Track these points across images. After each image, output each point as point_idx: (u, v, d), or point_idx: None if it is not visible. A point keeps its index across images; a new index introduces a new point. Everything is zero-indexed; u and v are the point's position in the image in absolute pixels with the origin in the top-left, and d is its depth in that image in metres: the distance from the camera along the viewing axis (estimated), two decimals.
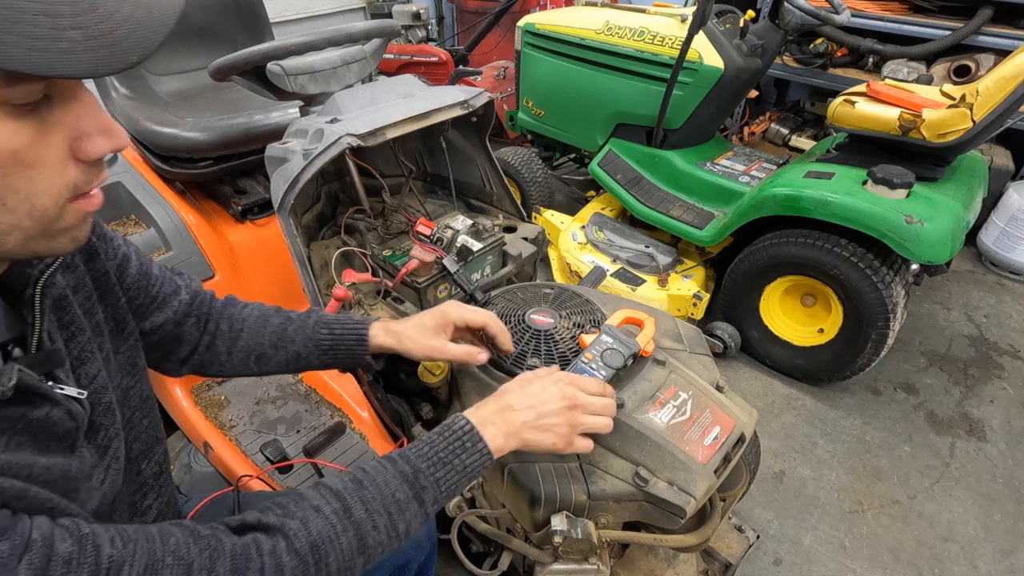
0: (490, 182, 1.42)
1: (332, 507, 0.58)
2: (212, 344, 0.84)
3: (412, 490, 0.62)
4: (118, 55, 0.39)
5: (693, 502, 0.78)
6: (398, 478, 0.62)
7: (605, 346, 0.87)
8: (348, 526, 0.58)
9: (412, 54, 3.60)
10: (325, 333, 0.86)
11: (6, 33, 0.35)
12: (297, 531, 0.55)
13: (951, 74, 2.74)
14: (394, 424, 1.22)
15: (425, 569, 1.01)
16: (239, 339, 0.85)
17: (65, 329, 0.59)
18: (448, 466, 0.65)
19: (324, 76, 1.17)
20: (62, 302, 0.59)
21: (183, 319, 0.80)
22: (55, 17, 0.37)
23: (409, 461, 0.64)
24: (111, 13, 0.39)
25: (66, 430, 0.53)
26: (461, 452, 0.66)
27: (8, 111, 0.39)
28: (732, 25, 2.18)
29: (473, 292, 1.09)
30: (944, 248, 1.61)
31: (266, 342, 0.86)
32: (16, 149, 0.40)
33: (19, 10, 0.36)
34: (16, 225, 0.43)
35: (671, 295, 2.11)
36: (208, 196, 1.77)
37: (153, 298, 0.75)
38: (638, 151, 2.41)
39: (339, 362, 0.88)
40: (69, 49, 0.37)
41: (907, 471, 1.77)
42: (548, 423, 0.71)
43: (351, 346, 0.86)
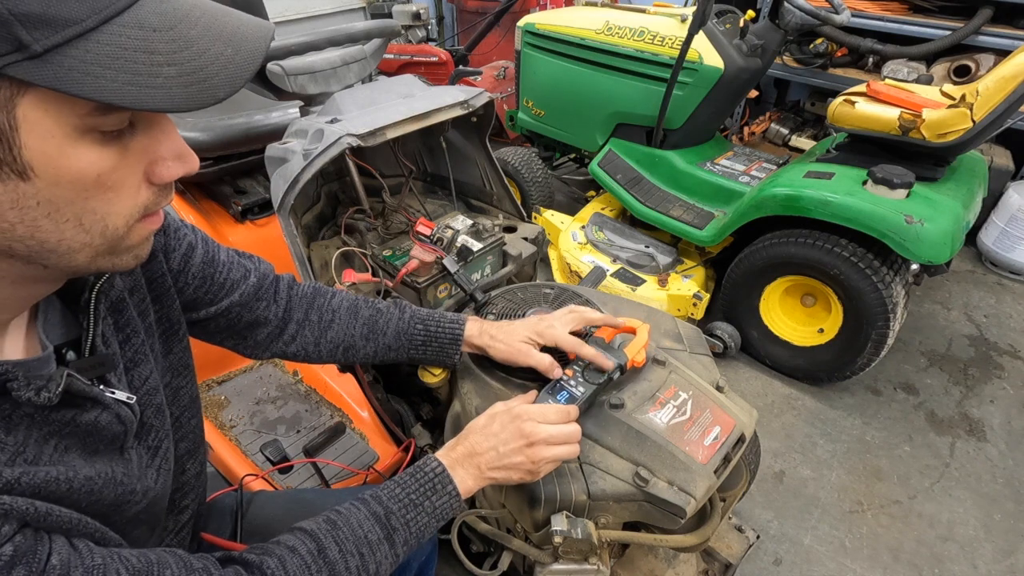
0: (490, 182, 1.42)
1: (307, 547, 0.60)
2: (299, 334, 0.85)
3: (384, 531, 0.64)
4: (207, 91, 0.40)
5: (693, 502, 0.78)
6: (371, 519, 0.64)
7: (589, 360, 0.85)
8: (323, 566, 0.60)
9: (412, 54, 3.60)
10: (420, 328, 0.89)
11: (106, 68, 0.37)
12: (275, 570, 0.57)
13: (951, 74, 2.74)
14: (394, 424, 1.22)
15: (425, 569, 1.01)
16: (329, 330, 0.86)
17: (121, 331, 0.60)
18: (419, 508, 0.67)
19: (324, 76, 1.17)
20: (119, 304, 0.60)
21: (253, 302, 0.80)
22: (153, 54, 0.38)
23: (381, 502, 0.66)
24: (204, 51, 0.40)
25: (115, 434, 0.54)
26: (432, 494, 0.68)
27: (96, 137, 0.40)
28: (732, 25, 2.18)
29: (473, 292, 1.09)
30: (944, 248, 1.61)
31: (357, 333, 0.87)
32: (100, 173, 0.41)
33: (120, 47, 0.37)
34: (88, 244, 0.44)
35: (671, 295, 2.11)
36: (208, 196, 1.77)
37: (221, 285, 0.75)
38: (638, 151, 2.41)
39: (427, 358, 0.91)
40: (163, 85, 0.38)
41: (907, 471, 1.77)
42: (511, 462, 0.72)
43: (444, 344, 0.89)
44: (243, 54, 0.43)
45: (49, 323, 0.53)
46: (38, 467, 0.46)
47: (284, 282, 0.86)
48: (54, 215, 0.41)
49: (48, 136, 0.38)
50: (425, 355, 0.90)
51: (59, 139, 0.38)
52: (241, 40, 0.43)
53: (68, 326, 0.55)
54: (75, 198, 0.41)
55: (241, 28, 0.43)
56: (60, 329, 0.54)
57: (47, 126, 0.37)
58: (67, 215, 0.41)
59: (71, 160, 0.39)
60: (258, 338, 0.83)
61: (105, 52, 0.37)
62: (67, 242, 0.43)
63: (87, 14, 0.36)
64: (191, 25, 0.40)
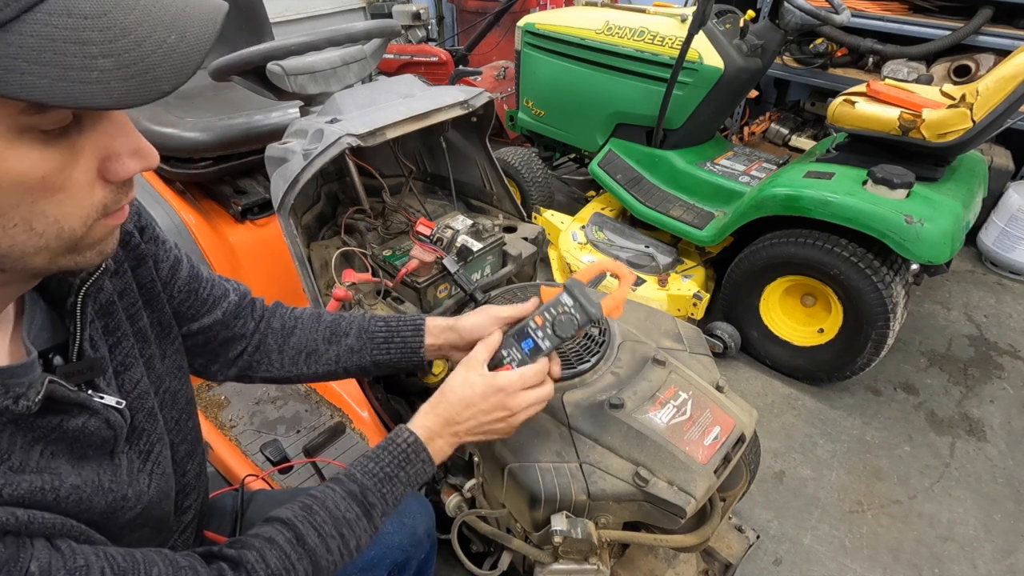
0: (490, 182, 1.42)
1: (284, 536, 0.60)
2: (263, 343, 0.83)
3: (361, 508, 0.64)
4: (150, 84, 0.37)
5: (693, 502, 0.78)
6: (347, 499, 0.64)
7: (561, 310, 0.76)
8: (303, 554, 0.59)
9: (412, 54, 3.60)
10: (381, 326, 0.86)
11: (33, 63, 0.33)
12: (255, 564, 0.56)
13: (951, 74, 2.74)
14: (394, 424, 1.22)
15: (424, 567, 1.01)
16: (292, 335, 0.84)
17: (111, 335, 0.59)
18: (394, 480, 0.67)
19: (324, 76, 1.17)
20: (109, 308, 0.59)
21: (232, 320, 0.79)
22: (85, 45, 0.34)
23: (356, 480, 0.65)
24: (143, 39, 0.36)
25: (103, 439, 0.53)
26: (406, 465, 0.68)
27: (36, 137, 0.38)
28: (732, 25, 2.18)
29: (473, 292, 1.09)
30: (944, 248, 1.61)
31: (319, 337, 0.85)
32: (45, 175, 0.39)
33: (47, 38, 0.33)
34: (43, 247, 0.42)
35: (671, 295, 2.11)
36: (208, 196, 1.77)
37: (204, 300, 0.75)
38: (638, 151, 2.41)
39: (391, 357, 0.85)
40: (99, 79, 0.35)
41: (907, 471, 1.77)
42: (491, 429, 0.74)
43: (406, 338, 0.85)
44: (188, 40, 0.38)
45: (35, 327, 0.52)
46: (23, 475, 0.45)
47: (258, 300, 0.85)
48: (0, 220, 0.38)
49: None
50: (389, 354, 0.85)
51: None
52: (186, 24, 0.38)
53: (55, 330, 0.53)
54: (20, 202, 0.38)
55: (187, 11, 0.39)
56: (47, 333, 0.53)
57: None
58: (14, 219, 0.39)
59: (9, 163, 0.37)
60: (229, 355, 0.81)
61: (30, 44, 0.33)
62: (19, 247, 0.40)
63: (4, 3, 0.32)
64: (127, 10, 0.36)
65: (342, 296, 1.12)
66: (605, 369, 0.93)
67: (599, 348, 0.94)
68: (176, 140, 1.49)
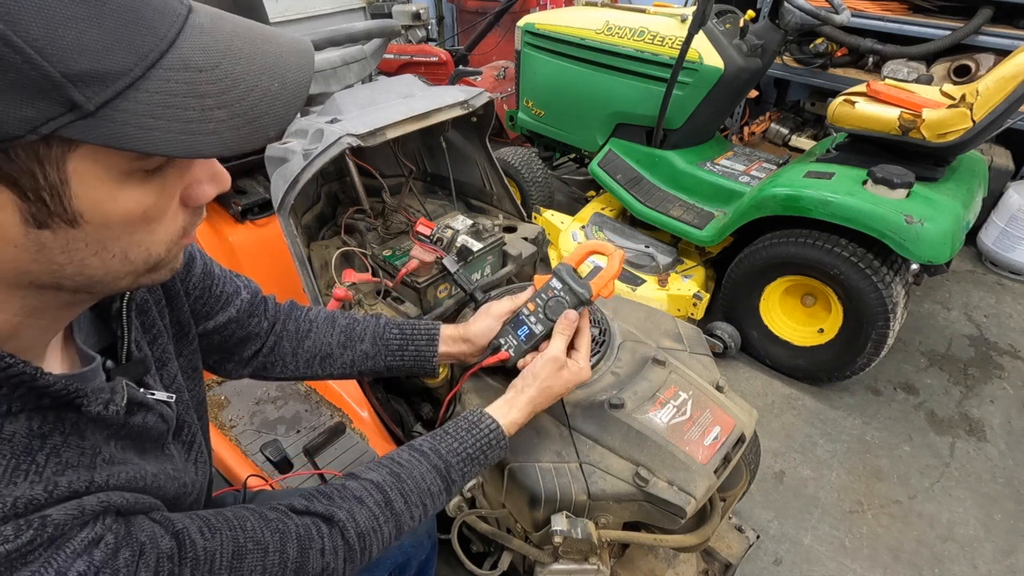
0: (490, 182, 1.41)
1: (375, 499, 0.63)
2: (278, 344, 0.84)
3: (444, 483, 0.69)
4: (258, 131, 0.39)
5: (693, 502, 0.78)
6: (433, 472, 0.68)
7: (551, 294, 0.81)
8: (390, 517, 0.63)
9: (412, 54, 3.60)
10: (395, 333, 0.88)
11: (158, 119, 0.35)
12: (346, 521, 0.60)
13: (951, 74, 2.74)
14: (394, 424, 1.22)
15: (425, 568, 1.01)
16: (306, 339, 0.86)
17: (148, 332, 0.61)
18: (475, 461, 0.71)
19: (324, 76, 1.17)
20: (144, 306, 0.61)
21: (246, 318, 0.80)
22: (202, 98, 0.36)
23: (441, 456, 0.69)
24: (251, 88, 0.38)
25: (159, 432, 0.56)
26: (488, 449, 0.72)
27: (140, 176, 0.40)
28: (732, 25, 2.18)
29: (473, 292, 1.09)
30: (944, 248, 1.61)
31: (334, 341, 0.86)
32: (145, 210, 0.41)
33: (170, 93, 0.35)
34: (132, 271, 0.44)
35: (671, 295, 2.11)
36: None
37: (217, 297, 0.76)
38: (638, 151, 2.41)
39: (404, 364, 0.88)
40: (215, 131, 0.37)
41: (907, 471, 1.77)
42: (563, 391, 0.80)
43: (420, 347, 0.88)
44: (290, 88, 0.41)
45: (83, 332, 0.54)
46: (116, 466, 0.48)
47: (270, 299, 0.86)
48: (101, 253, 0.41)
49: (98, 184, 0.37)
50: (403, 361, 0.88)
51: (108, 185, 0.38)
52: (285, 71, 0.41)
53: (100, 334, 0.56)
54: (121, 235, 0.41)
55: (283, 57, 0.41)
56: (93, 338, 0.55)
57: (97, 175, 0.37)
58: (113, 251, 0.41)
59: (119, 203, 0.39)
60: (245, 354, 0.82)
61: (155, 101, 0.35)
62: (112, 273, 0.43)
63: (134, 62, 0.34)
64: (235, 60, 0.38)
65: (342, 296, 1.12)
66: (605, 369, 0.93)
67: (599, 348, 0.94)
68: None
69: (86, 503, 0.43)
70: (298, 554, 0.57)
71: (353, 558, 0.60)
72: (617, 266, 0.81)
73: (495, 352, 0.82)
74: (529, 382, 0.77)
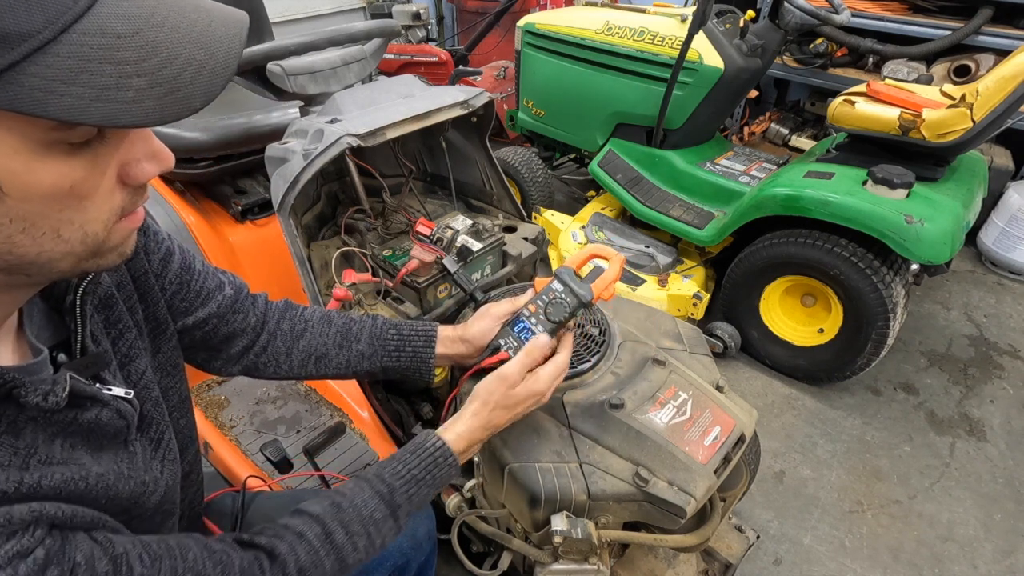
0: (490, 182, 1.41)
1: (314, 532, 0.62)
2: (271, 343, 0.83)
3: (388, 508, 0.67)
4: (181, 102, 0.38)
5: (693, 502, 0.78)
6: (375, 498, 0.66)
7: (552, 296, 0.81)
8: (330, 550, 0.62)
9: (412, 54, 3.60)
10: (393, 333, 0.87)
11: (71, 84, 0.33)
12: (287, 556, 0.59)
13: (951, 74, 2.74)
14: (394, 424, 1.22)
15: (425, 569, 1.01)
16: (301, 339, 0.85)
17: (112, 327, 0.60)
18: (421, 483, 0.69)
19: (324, 76, 1.17)
20: (108, 300, 0.60)
21: (229, 314, 0.79)
22: (120, 64, 0.35)
23: (384, 481, 0.68)
24: (174, 57, 0.37)
25: (117, 428, 0.54)
26: (434, 468, 0.71)
27: (64, 149, 0.38)
28: (732, 25, 2.18)
29: (473, 292, 1.09)
30: (944, 248, 1.61)
31: (330, 341, 0.85)
32: (72, 185, 0.40)
33: (84, 58, 0.34)
34: (69, 252, 0.43)
35: (671, 295, 2.11)
36: (208, 196, 1.77)
37: (197, 293, 0.74)
38: (638, 151, 2.41)
39: (401, 365, 0.87)
40: (135, 99, 0.36)
41: (907, 471, 1.77)
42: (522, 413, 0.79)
43: (417, 348, 0.87)
44: (217, 58, 0.39)
45: (35, 326, 0.53)
46: (52, 467, 0.46)
47: (260, 296, 0.85)
48: (30, 230, 0.39)
49: (12, 154, 0.36)
50: (399, 361, 0.87)
51: (24, 156, 0.36)
52: (214, 42, 0.39)
53: (55, 328, 0.54)
54: (49, 211, 0.39)
55: (213, 27, 0.40)
56: (47, 332, 0.54)
57: (11, 144, 0.35)
58: (43, 228, 0.40)
59: (40, 175, 0.37)
60: (232, 351, 0.81)
61: (67, 66, 0.33)
62: (47, 253, 0.41)
63: (42, 25, 0.32)
64: (158, 27, 0.36)
65: (342, 296, 1.12)
66: (605, 369, 0.93)
67: (599, 348, 0.94)
68: (176, 140, 1.49)
69: (15, 512, 0.41)
70: None
71: None
72: (618, 270, 0.82)
73: (495, 352, 0.82)
74: (475, 396, 0.77)
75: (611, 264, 0.82)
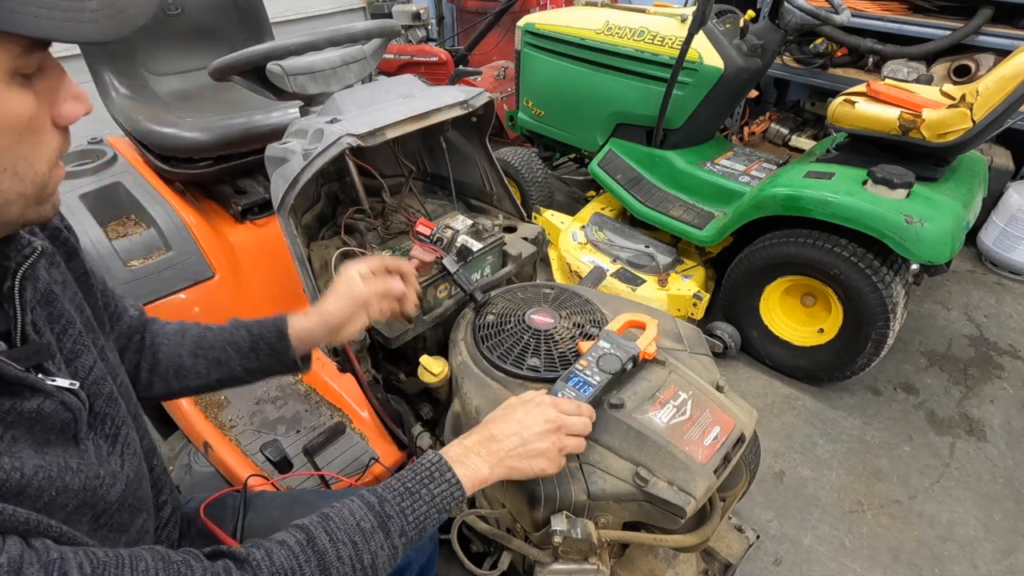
0: (490, 182, 1.41)
1: (296, 538, 0.58)
2: (138, 363, 0.81)
3: (377, 519, 0.62)
4: (127, 20, 0.44)
5: (693, 502, 0.78)
6: (363, 507, 0.62)
7: (602, 352, 0.86)
8: (311, 556, 0.57)
9: (412, 54, 3.61)
10: (243, 334, 0.83)
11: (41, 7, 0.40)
12: (260, 561, 0.55)
13: (951, 74, 2.74)
14: (394, 424, 1.22)
15: (426, 570, 1.01)
16: (157, 353, 0.82)
17: (55, 323, 0.59)
18: (415, 495, 0.64)
19: (324, 76, 1.17)
20: (49, 296, 0.60)
21: (133, 334, 0.80)
22: None
23: (375, 492, 0.64)
24: None
25: (63, 422, 0.53)
26: (429, 482, 0.65)
27: (19, 82, 0.43)
28: (732, 25, 2.18)
29: (473, 292, 1.09)
30: (944, 248, 1.61)
31: (184, 352, 0.82)
32: (31, 116, 0.44)
33: None
34: (22, 193, 0.46)
35: (671, 295, 2.11)
36: (208, 196, 1.77)
37: (115, 309, 0.77)
38: (638, 151, 2.41)
39: (261, 364, 0.84)
40: (91, 19, 0.42)
41: (907, 471, 1.77)
42: (536, 448, 0.71)
43: (271, 342, 0.83)
44: None
45: None
46: None
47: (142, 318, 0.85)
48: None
49: None
50: (259, 361, 0.83)
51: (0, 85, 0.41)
52: None
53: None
54: (10, 144, 0.44)
55: None
56: None
57: None
58: (4, 164, 0.44)
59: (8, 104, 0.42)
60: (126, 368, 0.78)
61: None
62: (3, 194, 0.45)
63: None
64: None
65: None
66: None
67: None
68: (176, 140, 1.49)
69: None
70: None
71: None
72: (656, 331, 0.91)
73: None
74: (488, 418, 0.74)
75: (649, 326, 0.92)
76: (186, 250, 1.56)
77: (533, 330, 0.99)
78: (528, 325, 1.00)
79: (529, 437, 0.70)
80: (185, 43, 1.77)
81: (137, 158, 1.70)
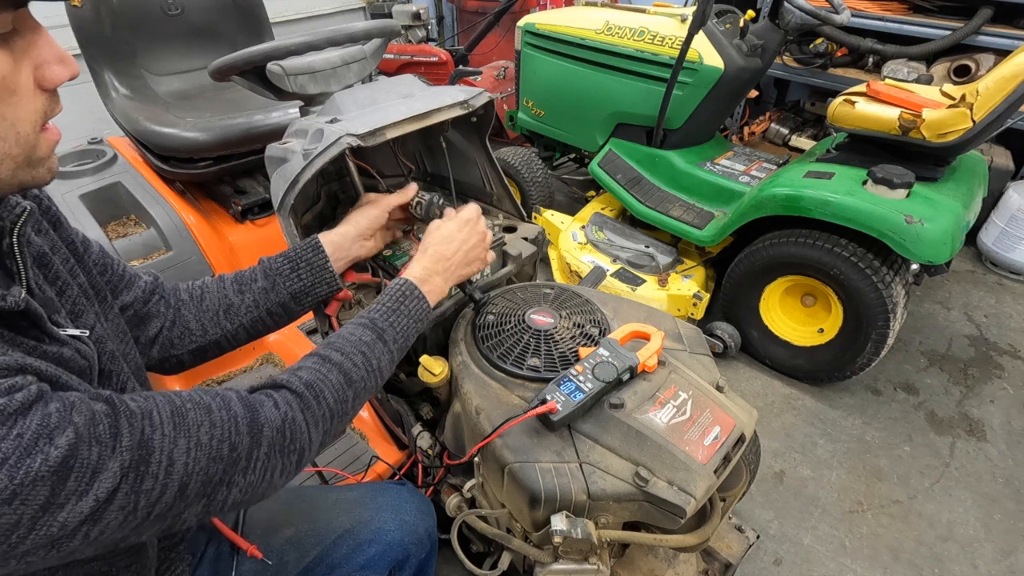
0: (490, 182, 1.41)
1: (311, 361, 0.70)
2: (178, 316, 0.85)
3: (374, 332, 0.76)
4: None
5: (693, 502, 0.78)
6: (360, 328, 0.76)
7: (600, 359, 0.86)
8: (332, 367, 0.70)
9: (412, 54, 3.60)
10: (281, 261, 0.91)
11: None
12: (291, 380, 0.66)
13: (951, 74, 2.74)
14: (394, 424, 1.22)
15: (425, 567, 1.01)
16: (204, 299, 0.87)
17: (53, 284, 0.61)
18: (397, 312, 0.80)
19: (324, 76, 1.17)
20: (43, 259, 0.61)
21: (151, 296, 0.82)
22: None
23: (365, 316, 0.78)
24: None
25: (80, 368, 0.55)
26: (405, 300, 0.81)
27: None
28: (732, 25, 2.18)
29: (473, 292, 1.09)
30: (944, 248, 1.61)
31: (230, 291, 0.88)
32: (3, 75, 0.45)
33: None
34: (7, 153, 0.47)
35: (671, 295, 2.11)
36: (208, 196, 1.77)
37: (120, 276, 0.78)
38: (638, 151, 2.41)
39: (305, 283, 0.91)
40: None
41: (907, 471, 1.77)
42: (473, 255, 0.95)
43: (310, 259, 0.91)
44: None
45: None
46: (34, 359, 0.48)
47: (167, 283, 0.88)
48: None
49: None
50: (301, 280, 0.90)
51: None
52: None
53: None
54: None
55: None
56: None
57: None
58: None
59: None
60: (150, 333, 0.82)
61: None
62: None
63: None
64: None
65: (342, 296, 1.12)
66: None
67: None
68: (176, 140, 1.49)
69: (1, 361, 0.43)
70: (246, 411, 0.59)
71: (309, 406, 0.65)
72: (660, 343, 0.92)
73: (543, 404, 0.82)
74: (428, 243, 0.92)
75: (653, 338, 0.92)
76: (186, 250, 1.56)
77: (533, 330, 0.99)
78: (528, 325, 1.00)
79: (468, 247, 0.93)
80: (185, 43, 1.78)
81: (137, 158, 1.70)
